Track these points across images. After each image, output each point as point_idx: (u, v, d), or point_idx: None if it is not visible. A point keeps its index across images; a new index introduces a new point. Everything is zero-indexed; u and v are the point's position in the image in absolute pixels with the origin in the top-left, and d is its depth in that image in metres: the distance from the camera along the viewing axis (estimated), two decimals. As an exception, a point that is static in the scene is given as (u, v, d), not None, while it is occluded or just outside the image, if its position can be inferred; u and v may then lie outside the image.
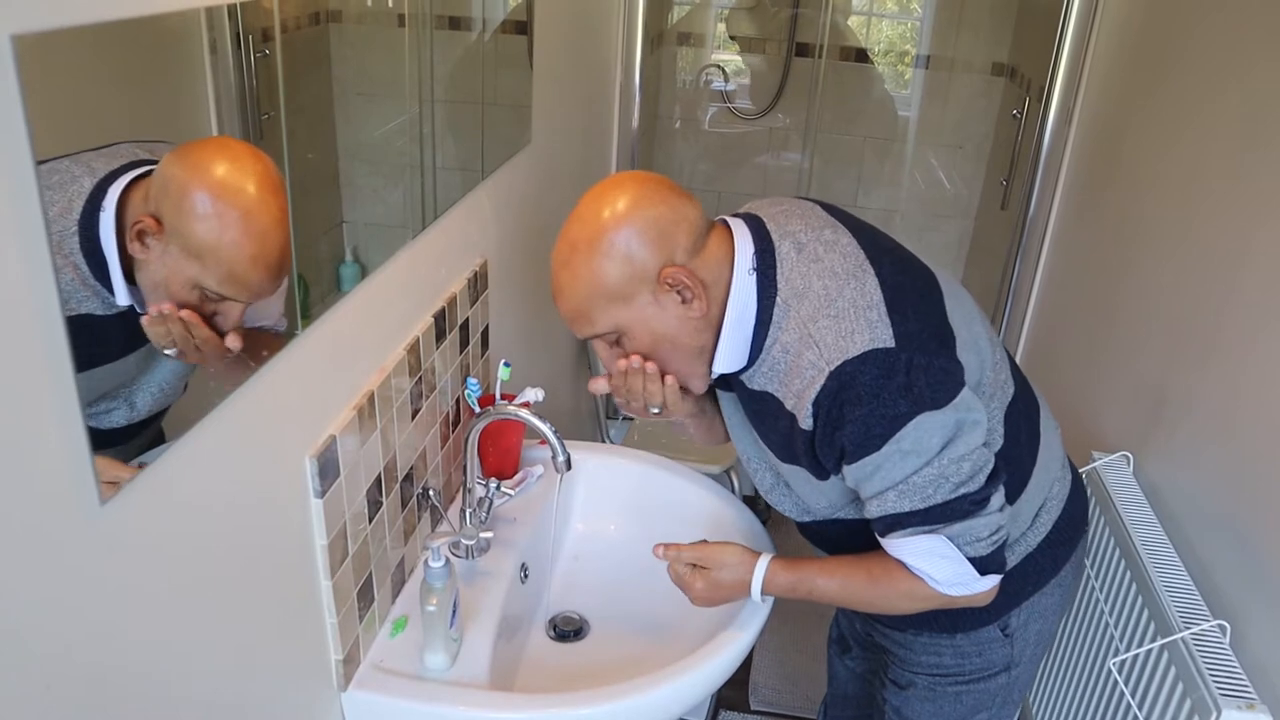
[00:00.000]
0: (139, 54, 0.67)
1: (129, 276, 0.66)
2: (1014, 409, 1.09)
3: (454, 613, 1.15)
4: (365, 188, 1.11)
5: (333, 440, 0.99)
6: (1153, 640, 1.31)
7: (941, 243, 3.11)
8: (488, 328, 1.53)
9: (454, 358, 1.37)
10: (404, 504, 1.23)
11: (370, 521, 1.12)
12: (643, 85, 2.46)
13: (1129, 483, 1.57)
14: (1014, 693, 1.24)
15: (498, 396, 1.33)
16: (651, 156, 3.04)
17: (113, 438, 0.68)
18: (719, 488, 1.53)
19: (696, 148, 3.19)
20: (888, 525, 1.01)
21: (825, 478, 1.06)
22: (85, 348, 0.63)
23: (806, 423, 0.98)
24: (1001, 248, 2.45)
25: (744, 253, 1.01)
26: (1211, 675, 1.17)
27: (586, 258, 0.98)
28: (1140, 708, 1.31)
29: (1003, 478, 1.01)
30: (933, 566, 1.02)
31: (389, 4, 1.10)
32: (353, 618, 1.11)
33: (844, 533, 1.15)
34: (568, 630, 1.40)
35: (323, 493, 0.98)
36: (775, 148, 3.14)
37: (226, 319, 0.75)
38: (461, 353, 1.41)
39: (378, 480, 1.13)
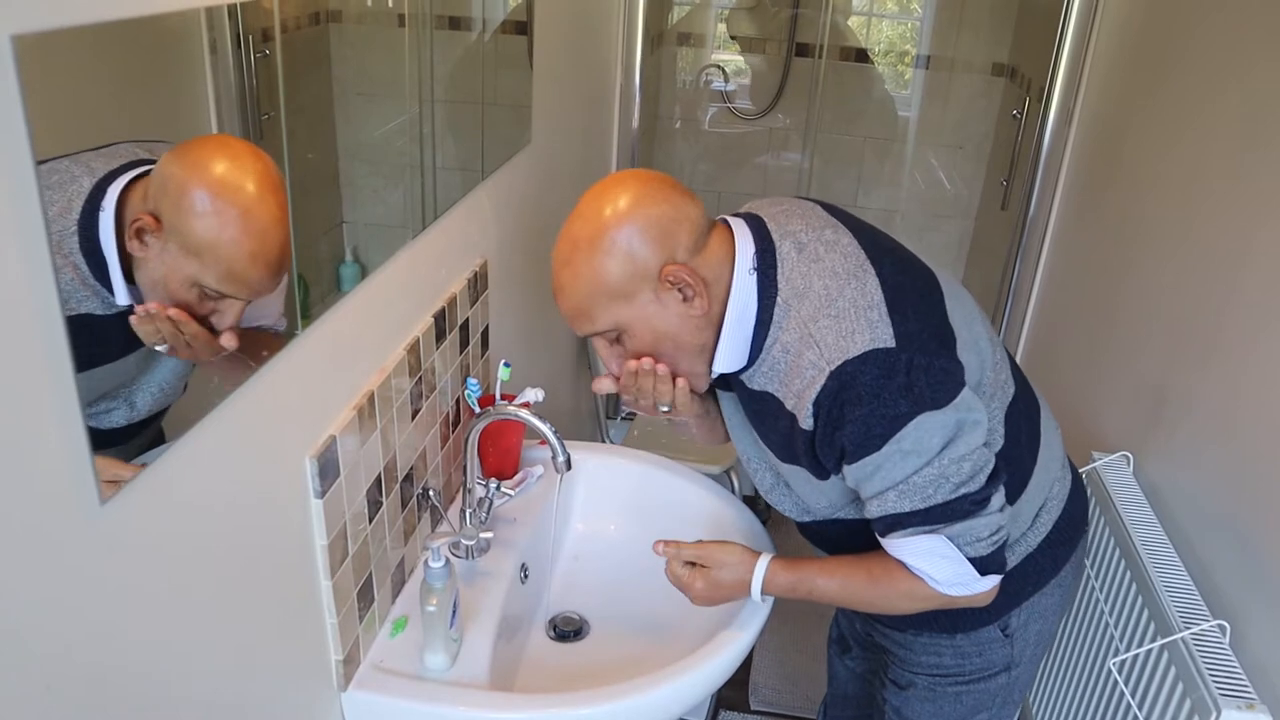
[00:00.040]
0: (139, 54, 0.67)
1: (129, 276, 0.66)
2: (1014, 409, 1.09)
3: (454, 613, 1.15)
4: (365, 188, 1.11)
5: (333, 440, 0.99)
6: (1153, 640, 1.31)
7: (941, 243, 3.11)
8: (488, 328, 1.53)
9: (454, 358, 1.37)
10: (404, 504, 1.23)
11: (370, 522, 1.12)
12: (643, 85, 2.46)
13: (1129, 483, 1.57)
14: (1014, 693, 1.24)
15: (498, 397, 1.33)
16: (651, 157, 3.03)
17: (112, 438, 0.68)
18: (719, 488, 1.53)
19: (696, 148, 3.19)
20: (888, 525, 1.01)
21: (825, 478, 1.06)
22: (85, 348, 0.63)
23: (807, 423, 0.98)
24: (1001, 248, 2.45)
25: (744, 252, 1.01)
26: (1211, 675, 1.17)
27: (588, 255, 0.98)
28: (1140, 708, 1.31)
29: (1003, 478, 1.01)
30: (933, 566, 1.02)
31: (389, 4, 1.10)
32: (353, 618, 1.11)
33: (844, 533, 1.15)
34: (568, 630, 1.40)
35: (323, 493, 0.98)
36: (775, 148, 3.14)
37: (226, 316, 0.75)
38: (461, 353, 1.41)
39: (378, 480, 1.13)
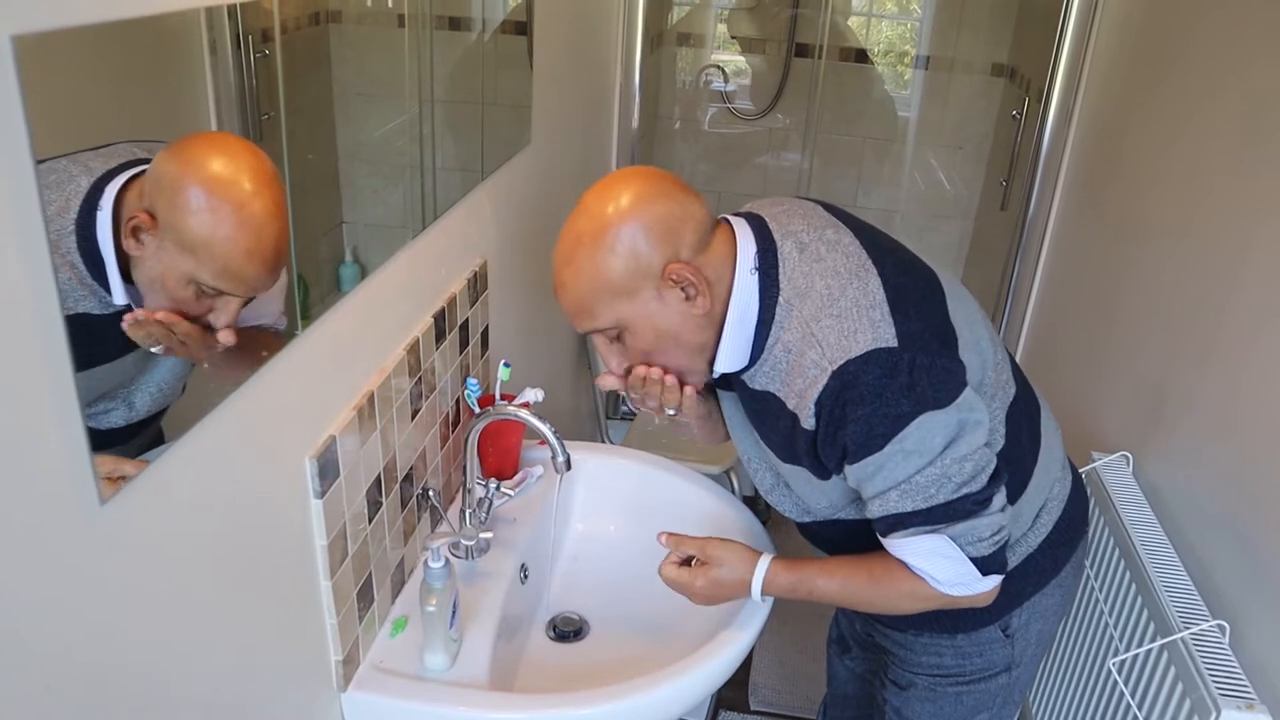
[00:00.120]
0: (139, 54, 0.67)
1: (126, 275, 0.66)
2: (1015, 409, 1.09)
3: (454, 613, 1.15)
4: (365, 188, 1.11)
5: (333, 440, 0.99)
6: (1152, 640, 1.31)
7: (941, 243, 3.11)
8: (487, 328, 1.53)
9: (454, 358, 1.37)
10: (404, 504, 1.23)
11: (370, 522, 1.12)
12: (643, 85, 2.46)
13: (1129, 483, 1.57)
14: (1014, 693, 1.24)
15: (497, 397, 1.33)
16: (651, 157, 3.03)
17: (112, 438, 0.68)
18: (719, 488, 1.53)
19: (696, 148, 3.19)
20: (890, 525, 1.01)
21: (826, 478, 1.06)
22: (83, 347, 0.63)
23: (809, 422, 0.98)
24: (1001, 248, 2.45)
25: (746, 252, 1.01)
26: (1211, 675, 1.17)
27: (591, 251, 0.97)
28: (1140, 708, 1.31)
29: (1005, 478, 1.01)
30: (935, 567, 1.01)
31: (389, 4, 1.10)
32: (352, 618, 1.11)
33: (844, 533, 1.15)
34: (568, 630, 1.40)
35: (323, 493, 0.98)
36: (775, 148, 3.14)
37: (223, 314, 0.75)
38: (461, 353, 1.41)
39: (377, 481, 1.13)
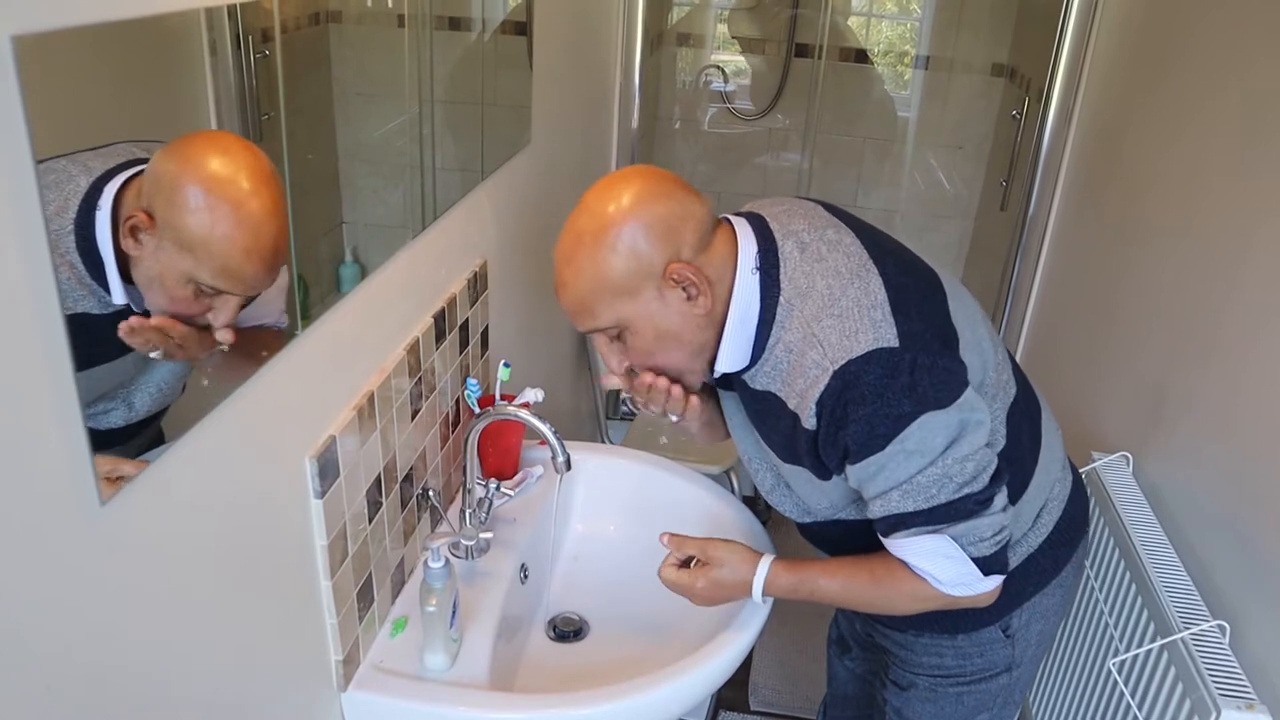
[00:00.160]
0: (139, 54, 0.67)
1: (125, 275, 0.66)
2: (1016, 410, 1.09)
3: (454, 613, 1.15)
4: (365, 188, 1.11)
5: (333, 441, 0.99)
6: (1152, 640, 1.31)
7: (941, 243, 3.11)
8: (487, 328, 1.53)
9: (454, 358, 1.37)
10: (404, 504, 1.23)
11: (370, 522, 1.12)
12: (642, 86, 2.46)
13: (1128, 483, 1.57)
14: (1015, 693, 1.24)
15: (497, 397, 1.33)
16: (651, 157, 3.03)
17: (111, 438, 0.68)
18: (719, 488, 1.53)
19: (696, 148, 3.19)
20: (891, 525, 1.01)
21: (827, 478, 1.06)
22: (82, 347, 0.63)
23: (810, 422, 0.98)
24: (1001, 248, 2.45)
25: (747, 252, 1.01)
26: (1211, 675, 1.17)
27: (592, 251, 0.97)
28: (1140, 708, 1.31)
29: (1006, 478, 1.01)
30: (936, 567, 1.01)
31: (389, 4, 1.10)
32: (352, 618, 1.11)
33: (845, 533, 1.15)
34: (567, 631, 1.40)
35: (323, 493, 0.98)
36: (775, 148, 3.14)
37: (222, 313, 0.75)
38: (461, 353, 1.41)
39: (377, 481, 1.13)
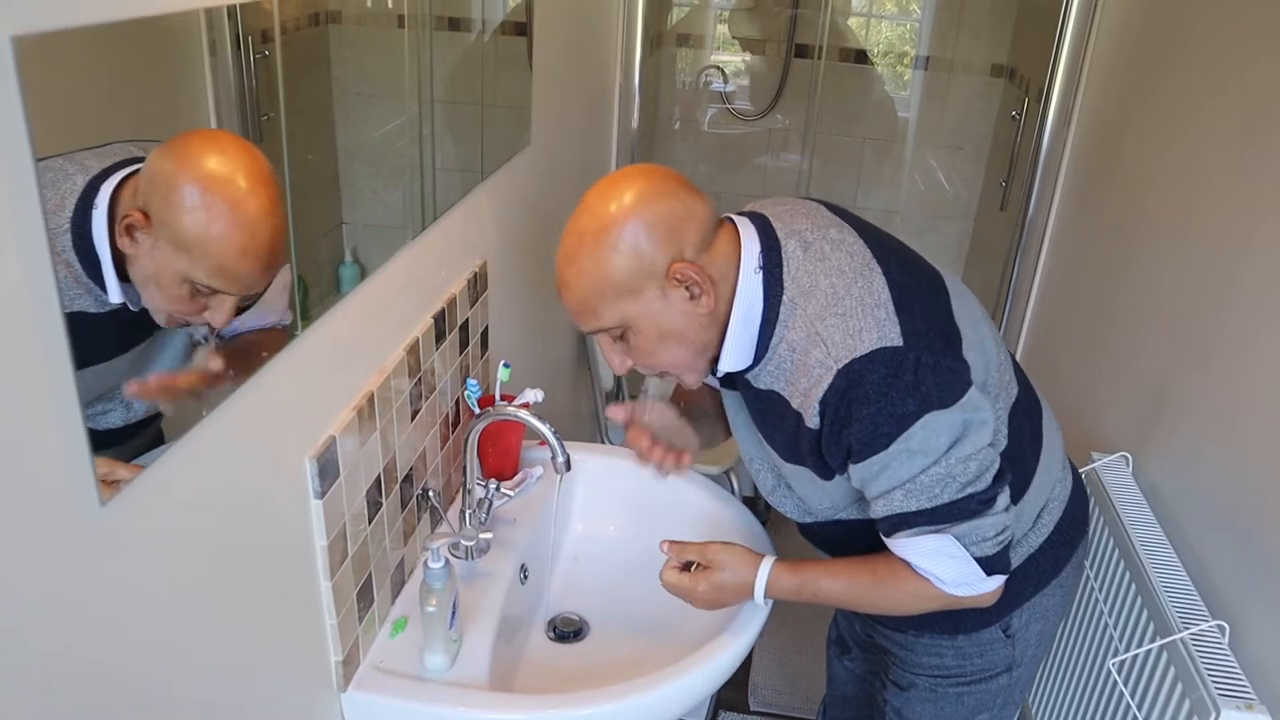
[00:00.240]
0: (139, 54, 0.67)
1: (121, 274, 0.66)
2: (1017, 410, 1.09)
3: (454, 613, 1.15)
4: (365, 189, 1.11)
5: (332, 441, 0.99)
6: (1152, 641, 1.31)
7: (941, 243, 3.11)
8: (487, 328, 1.53)
9: (454, 359, 1.37)
10: (404, 505, 1.23)
11: (370, 522, 1.12)
12: (642, 86, 2.46)
13: (1128, 483, 1.57)
14: (1015, 693, 1.24)
15: (497, 397, 1.33)
16: (651, 158, 3.04)
17: (109, 439, 0.68)
18: (719, 488, 1.53)
19: (696, 149, 3.19)
20: (894, 525, 1.01)
21: (830, 478, 1.06)
22: (79, 346, 0.62)
23: (813, 421, 0.98)
24: (1001, 248, 2.45)
25: (750, 251, 1.01)
26: (1210, 675, 1.17)
27: (594, 250, 0.97)
28: (1139, 708, 1.31)
29: (1008, 477, 1.01)
30: (939, 567, 1.01)
31: (389, 5, 1.10)
32: (352, 618, 1.11)
33: (845, 534, 1.14)
34: (567, 631, 1.40)
35: (322, 493, 0.98)
36: (775, 149, 3.15)
37: (218, 313, 0.75)
38: (461, 353, 1.41)
39: (377, 481, 1.13)
